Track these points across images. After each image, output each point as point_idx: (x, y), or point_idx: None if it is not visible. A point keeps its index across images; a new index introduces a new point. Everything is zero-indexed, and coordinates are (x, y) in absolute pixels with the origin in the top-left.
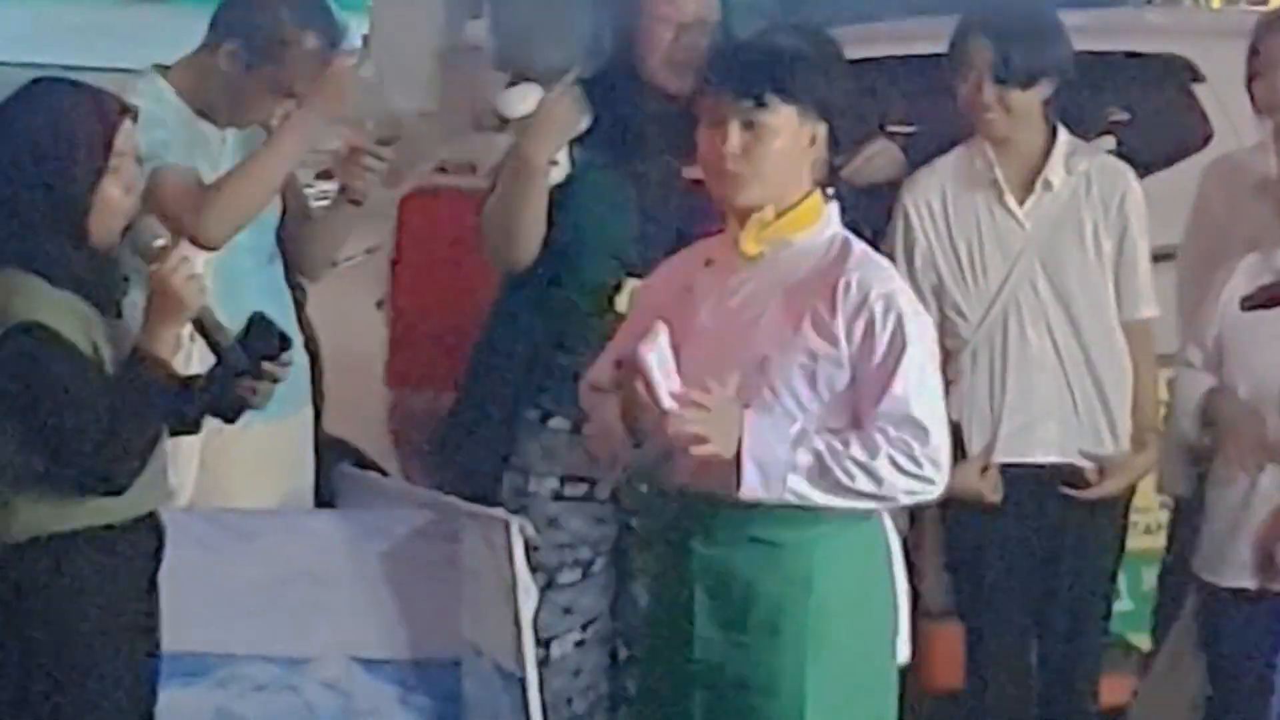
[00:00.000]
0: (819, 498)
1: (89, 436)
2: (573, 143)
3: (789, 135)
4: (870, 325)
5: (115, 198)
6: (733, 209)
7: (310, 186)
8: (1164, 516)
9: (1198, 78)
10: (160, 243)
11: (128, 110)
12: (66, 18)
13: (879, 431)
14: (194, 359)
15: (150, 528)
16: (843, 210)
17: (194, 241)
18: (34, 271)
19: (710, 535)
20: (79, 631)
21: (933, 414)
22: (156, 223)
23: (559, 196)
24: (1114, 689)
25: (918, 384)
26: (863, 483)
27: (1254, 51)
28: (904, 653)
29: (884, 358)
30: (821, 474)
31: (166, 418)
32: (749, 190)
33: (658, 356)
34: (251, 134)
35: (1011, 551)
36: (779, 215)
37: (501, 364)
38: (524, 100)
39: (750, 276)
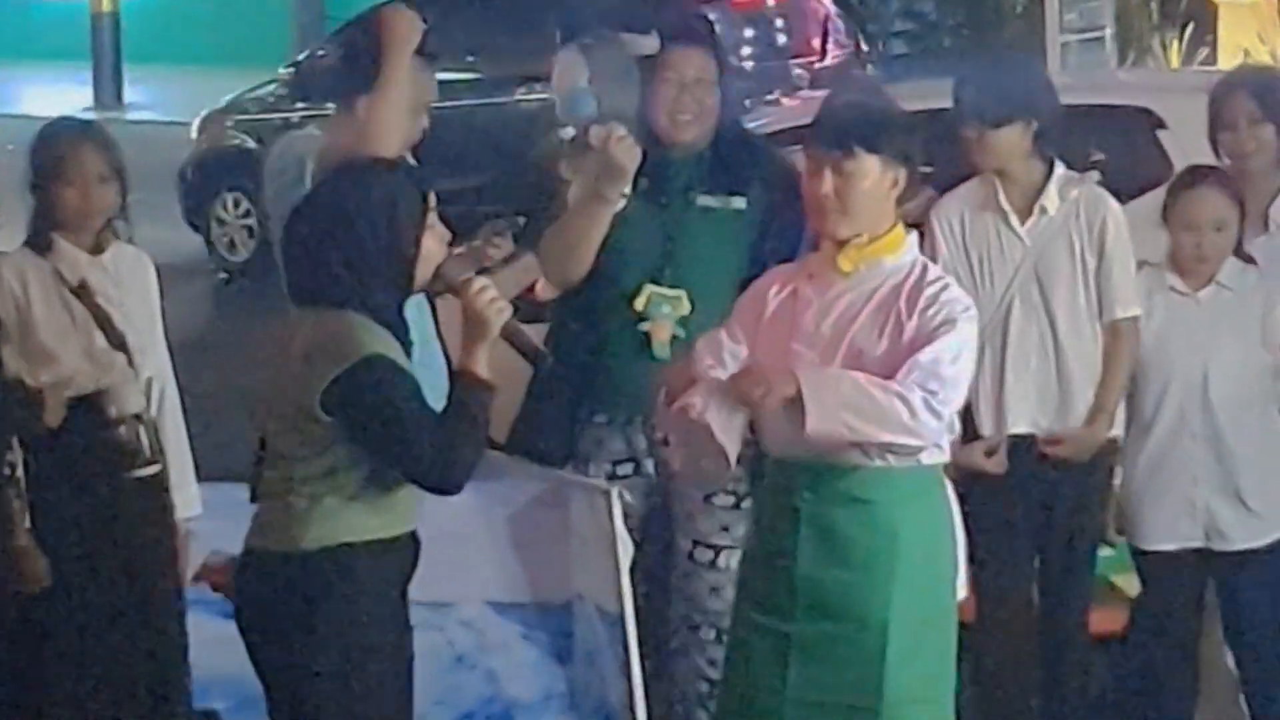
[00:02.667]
0: (867, 428)
1: (430, 447)
2: None
3: (874, 179)
4: (929, 313)
5: (433, 250)
6: (833, 239)
7: None
8: None
9: (1161, 125)
10: (463, 277)
11: None
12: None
13: (910, 377)
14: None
15: (411, 542)
16: None
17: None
18: (367, 313)
19: (814, 493)
20: (361, 631)
21: (956, 383)
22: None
23: None
24: (1102, 620)
25: (951, 357)
26: (901, 413)
27: (1215, 109)
28: (963, 590)
29: (931, 332)
30: (868, 407)
31: (487, 424)
32: (840, 224)
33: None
34: None
35: (1010, 506)
36: (870, 242)
37: (558, 370)
38: (587, 105)
39: (847, 288)
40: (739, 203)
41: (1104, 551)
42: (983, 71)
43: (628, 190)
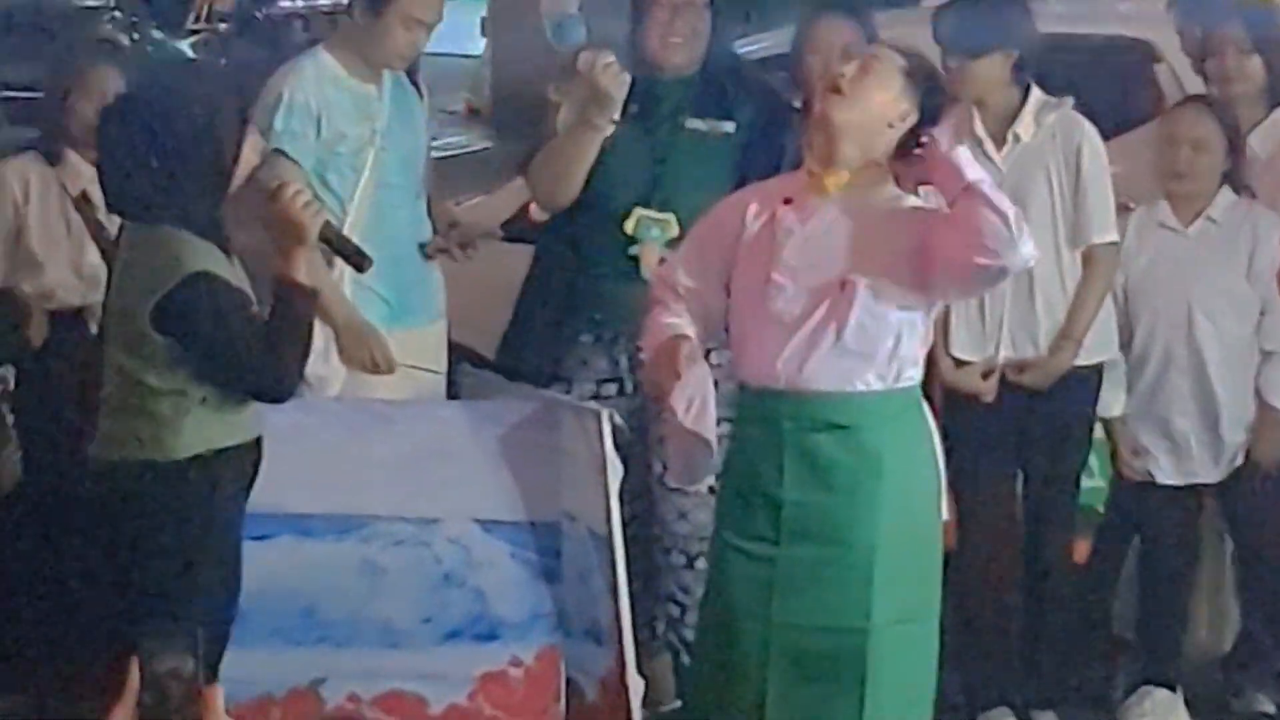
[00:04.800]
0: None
1: (258, 358)
2: None
3: (889, 97)
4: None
5: (250, 157)
6: (828, 125)
7: None
8: None
9: (1157, 58)
10: (276, 182)
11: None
12: None
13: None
14: None
15: (257, 446)
16: None
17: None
18: (187, 226)
19: (796, 420)
20: (227, 524)
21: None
22: (271, 166)
23: None
24: (1084, 550)
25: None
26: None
27: (1206, 36)
28: (946, 511)
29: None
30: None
31: (311, 329)
32: (848, 112)
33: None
34: (400, 91)
35: (992, 431)
36: (859, 170)
37: (544, 290)
38: (576, 32)
39: (827, 214)
40: (728, 126)
41: (1092, 482)
42: (962, 3)
43: (617, 116)
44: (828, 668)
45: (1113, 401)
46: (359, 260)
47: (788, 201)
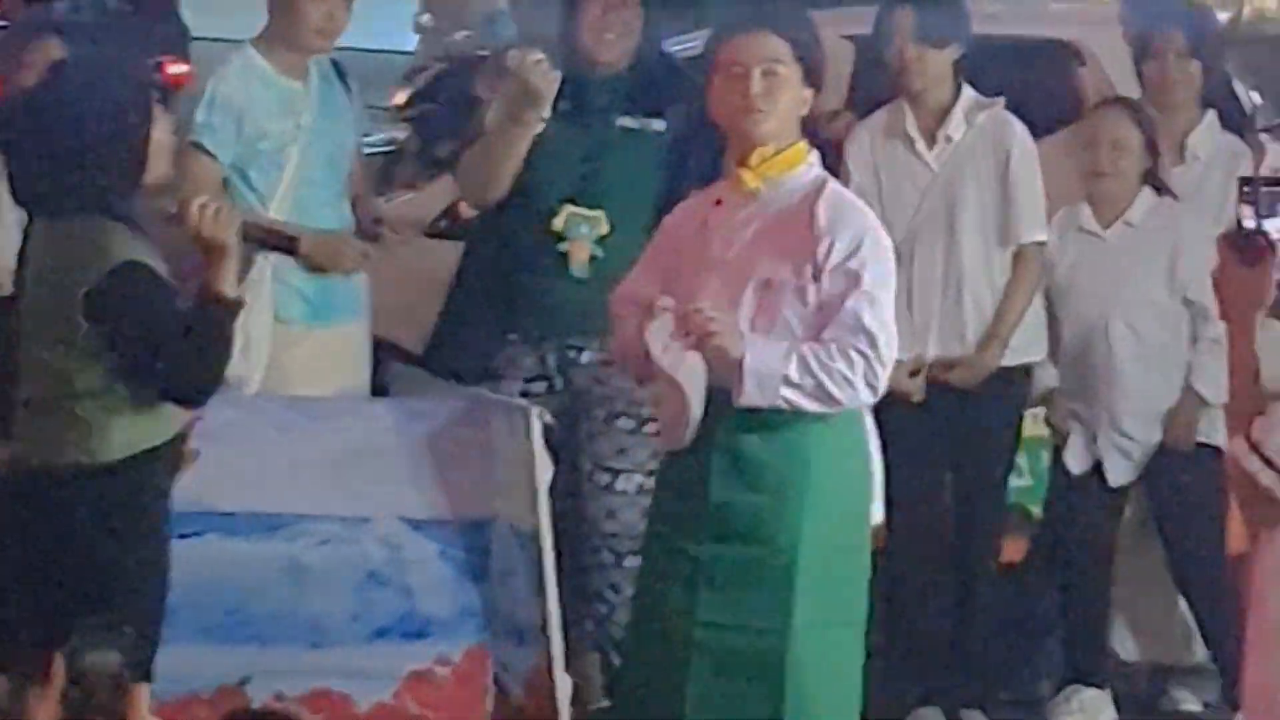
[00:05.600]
0: (806, 404)
1: (180, 357)
2: None
3: (794, 89)
4: (832, 248)
5: (163, 140)
6: (752, 141)
7: None
8: None
9: (1082, 61)
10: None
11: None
12: None
13: (836, 341)
14: None
15: (181, 440)
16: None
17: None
18: (109, 215)
19: (727, 419)
20: (154, 522)
21: (882, 325)
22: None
23: None
24: (1013, 549)
25: (870, 299)
26: (840, 390)
27: (1144, 39)
28: (878, 515)
29: (843, 280)
30: (809, 385)
31: (230, 341)
32: (766, 125)
33: (659, 328)
34: (328, 87)
35: (921, 431)
36: (776, 154)
37: (473, 288)
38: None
39: (754, 213)
40: (658, 124)
41: (1021, 481)
42: None
43: (546, 114)
44: (749, 668)
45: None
46: (291, 247)
47: (718, 203)
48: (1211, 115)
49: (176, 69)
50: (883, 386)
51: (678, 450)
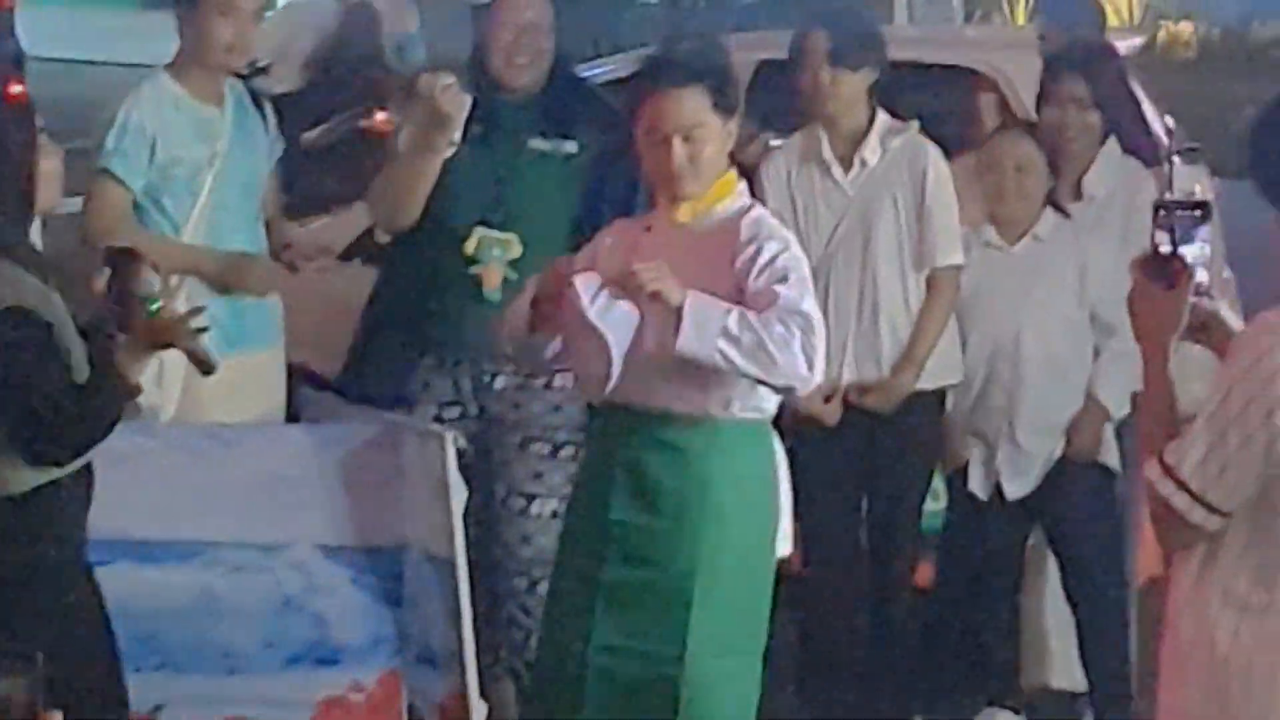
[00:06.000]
0: (742, 363)
1: (52, 426)
2: None
3: (716, 139)
4: (757, 254)
5: (50, 169)
6: (679, 198)
7: None
8: None
9: (984, 88)
10: (157, 296)
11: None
12: (95, 20)
13: (775, 313)
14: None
15: (90, 469)
16: None
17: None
18: (5, 256)
19: (629, 438)
20: (67, 551)
21: (817, 313)
22: (153, 275)
23: None
24: (928, 573)
25: (800, 293)
26: (779, 352)
27: (1044, 84)
28: (784, 548)
29: (769, 275)
30: (748, 341)
31: (115, 418)
32: (692, 186)
33: (588, 280)
34: (243, 113)
35: (836, 456)
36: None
37: (386, 312)
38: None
39: (683, 239)
40: (570, 146)
41: (936, 505)
42: (835, 16)
43: (457, 138)
44: (642, 694)
45: None
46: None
47: (649, 229)
48: (1110, 149)
49: (15, 89)
50: (819, 371)
51: (586, 475)
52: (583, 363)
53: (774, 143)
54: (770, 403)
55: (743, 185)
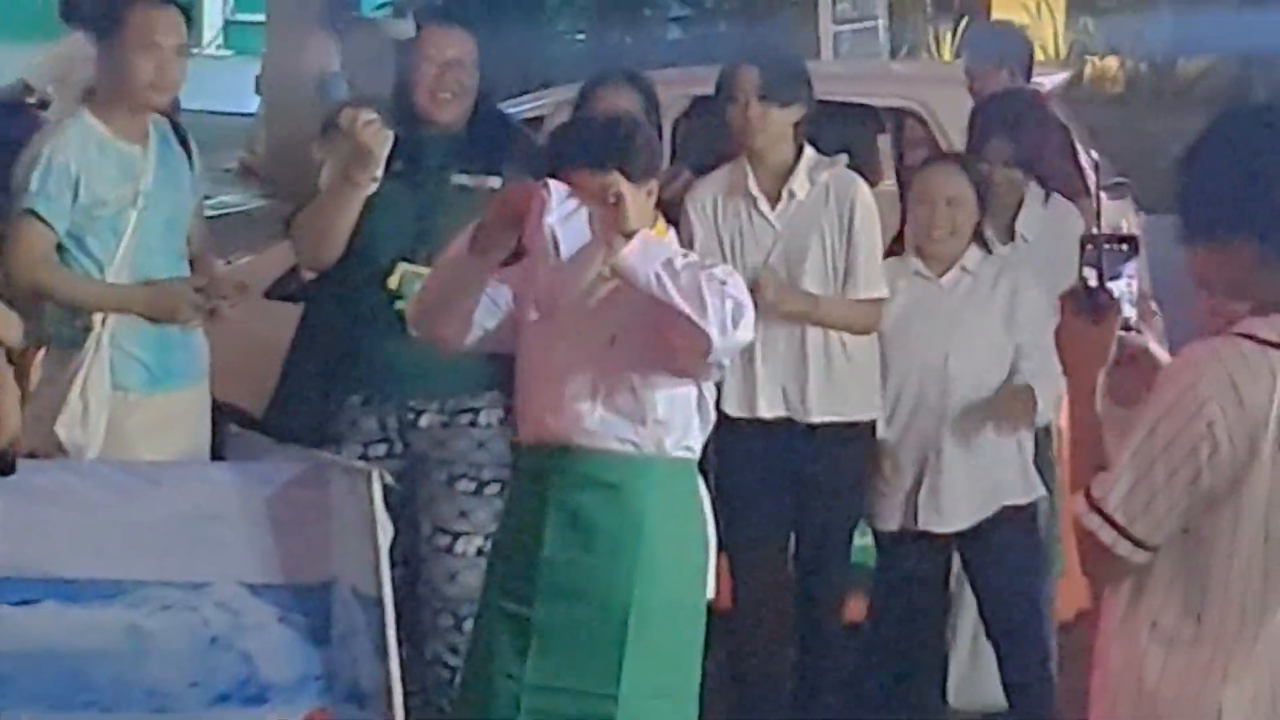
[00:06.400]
0: (674, 292)
1: None
2: None
3: (639, 200)
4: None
5: None
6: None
7: None
8: None
9: (882, 130)
10: None
11: None
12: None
13: (718, 282)
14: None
15: None
16: None
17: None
18: None
19: (564, 476)
20: None
21: (749, 303)
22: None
23: None
24: (857, 608)
25: (735, 285)
26: (711, 297)
27: (971, 133)
28: (711, 589)
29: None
30: (686, 280)
31: None
32: (618, 244)
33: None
34: (167, 150)
35: (763, 491)
36: None
37: (312, 349)
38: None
39: (610, 283)
40: (494, 182)
41: (864, 539)
42: (764, 52)
43: (379, 173)
44: None
45: None
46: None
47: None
48: (1034, 193)
49: None
50: (739, 337)
51: (514, 513)
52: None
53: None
54: (698, 442)
55: (671, 233)
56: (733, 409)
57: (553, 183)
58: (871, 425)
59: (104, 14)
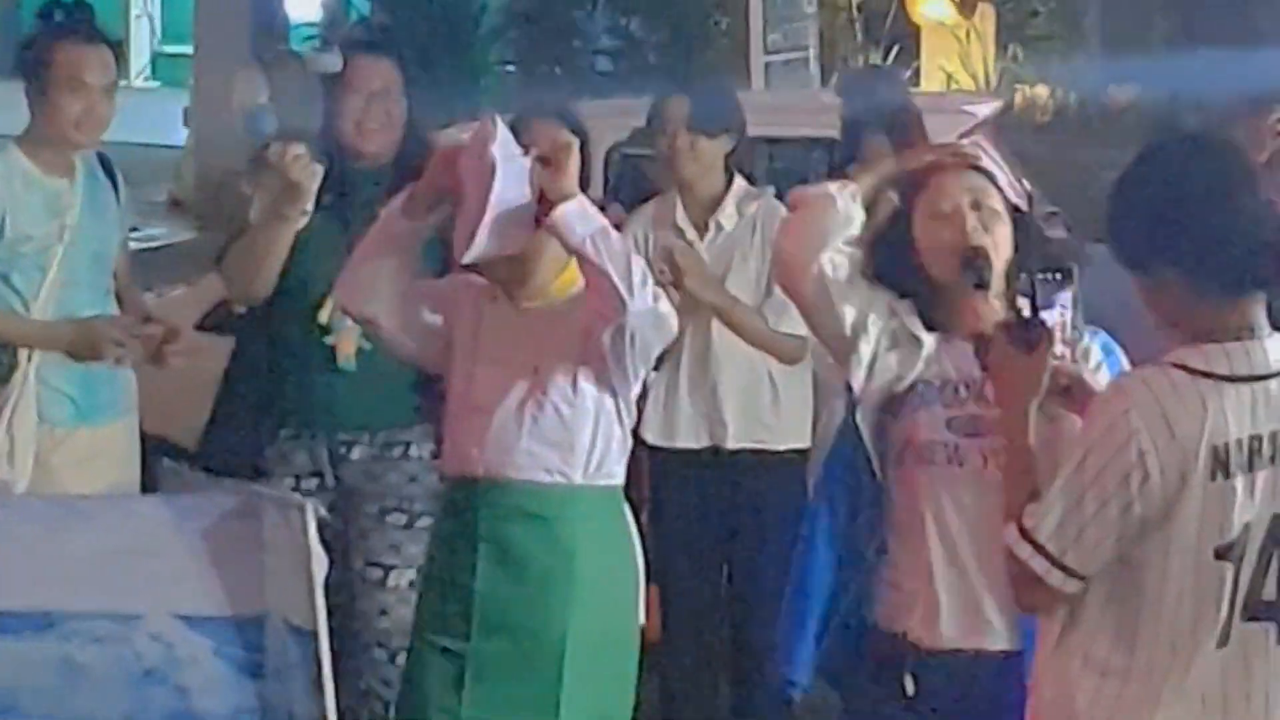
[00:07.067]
0: (604, 255)
1: None
2: None
3: (549, 250)
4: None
5: None
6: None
7: None
8: None
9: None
10: None
11: None
12: None
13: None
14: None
15: None
16: None
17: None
18: None
19: (493, 509)
20: None
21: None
22: None
23: None
24: None
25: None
26: (633, 269)
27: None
28: (642, 616)
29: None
30: (615, 246)
31: None
32: (532, 285)
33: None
34: (94, 184)
35: (693, 521)
36: (555, 277)
37: (243, 383)
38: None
39: (530, 317)
40: None
41: None
42: (694, 84)
43: (309, 207)
44: None
45: None
46: None
47: (495, 299)
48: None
49: None
50: (657, 311)
51: (443, 548)
52: (463, 220)
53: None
54: (620, 468)
55: None
56: (656, 438)
57: (498, 118)
58: (805, 454)
59: (31, 52)
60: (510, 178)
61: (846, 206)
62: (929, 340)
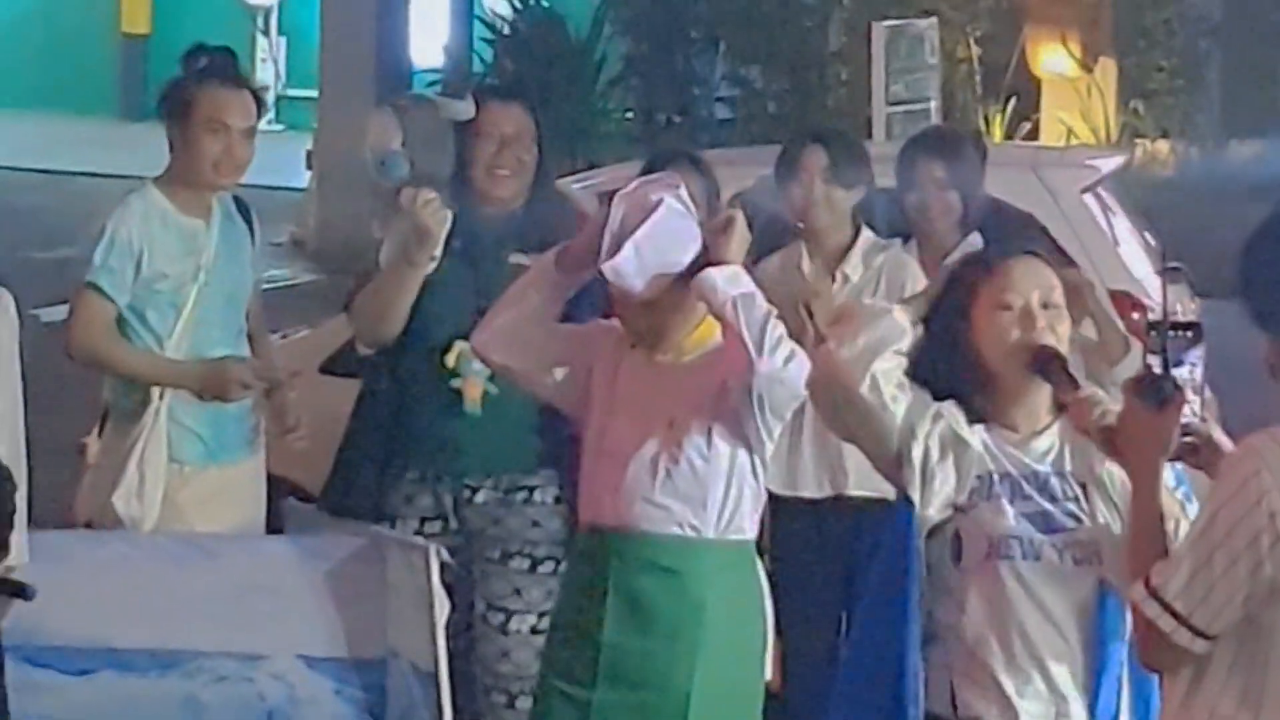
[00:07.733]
0: (744, 321)
1: None
2: None
3: (683, 308)
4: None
5: None
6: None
7: None
8: None
9: None
10: None
11: None
12: (73, 130)
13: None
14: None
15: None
16: None
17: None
18: None
19: (624, 560)
20: None
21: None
22: None
23: None
24: None
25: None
26: (771, 334)
27: (901, 170)
28: (769, 671)
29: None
30: (758, 312)
31: None
32: (666, 345)
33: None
34: (229, 225)
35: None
36: (689, 334)
37: (369, 426)
38: (398, 168)
39: (667, 365)
40: None
41: None
42: (830, 133)
43: (438, 253)
44: None
45: None
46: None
47: (633, 347)
48: (973, 239)
49: None
50: (791, 377)
51: (573, 595)
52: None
53: None
54: (753, 524)
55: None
56: (779, 487)
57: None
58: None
59: (175, 95)
60: (673, 220)
61: (902, 320)
62: (976, 440)
